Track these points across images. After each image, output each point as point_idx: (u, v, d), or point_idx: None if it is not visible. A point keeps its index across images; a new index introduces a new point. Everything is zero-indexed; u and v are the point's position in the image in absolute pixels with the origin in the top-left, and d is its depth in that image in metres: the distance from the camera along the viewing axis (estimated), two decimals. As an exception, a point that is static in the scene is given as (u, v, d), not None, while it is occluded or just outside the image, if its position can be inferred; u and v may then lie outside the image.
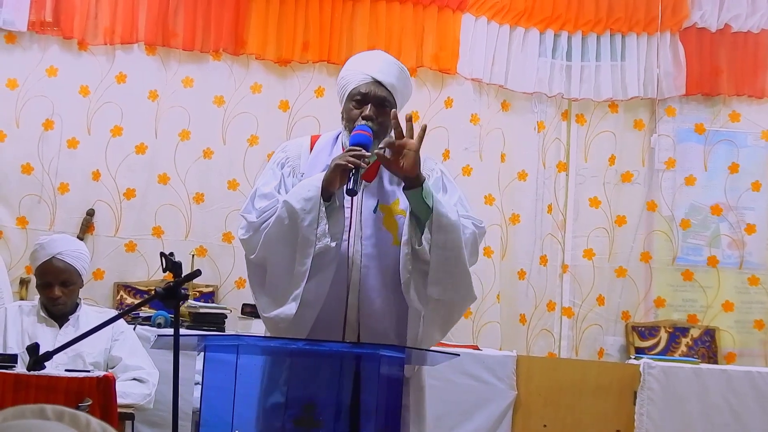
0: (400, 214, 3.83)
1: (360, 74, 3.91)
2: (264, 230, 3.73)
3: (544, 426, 6.29)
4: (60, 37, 6.93)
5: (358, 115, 3.85)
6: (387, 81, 3.90)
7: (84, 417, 1.47)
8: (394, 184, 3.88)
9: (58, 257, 5.04)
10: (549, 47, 7.51)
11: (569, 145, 7.60)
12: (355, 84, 3.89)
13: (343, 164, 3.64)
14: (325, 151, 3.93)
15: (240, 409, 3.54)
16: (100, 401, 4.29)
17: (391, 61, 4.05)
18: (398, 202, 3.85)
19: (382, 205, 3.85)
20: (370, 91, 3.86)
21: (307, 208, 3.66)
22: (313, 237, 3.64)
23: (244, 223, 3.84)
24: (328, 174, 3.69)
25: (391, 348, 3.59)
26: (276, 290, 3.74)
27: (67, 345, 3.96)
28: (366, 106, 3.85)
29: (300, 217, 3.65)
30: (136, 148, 7.01)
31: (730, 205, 7.49)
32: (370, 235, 3.80)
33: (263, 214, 3.77)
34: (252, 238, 3.78)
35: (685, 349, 7.26)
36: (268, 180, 3.91)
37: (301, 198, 3.69)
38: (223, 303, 6.76)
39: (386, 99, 3.88)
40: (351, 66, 4.02)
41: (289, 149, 4.01)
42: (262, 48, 7.13)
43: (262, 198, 3.83)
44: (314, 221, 3.64)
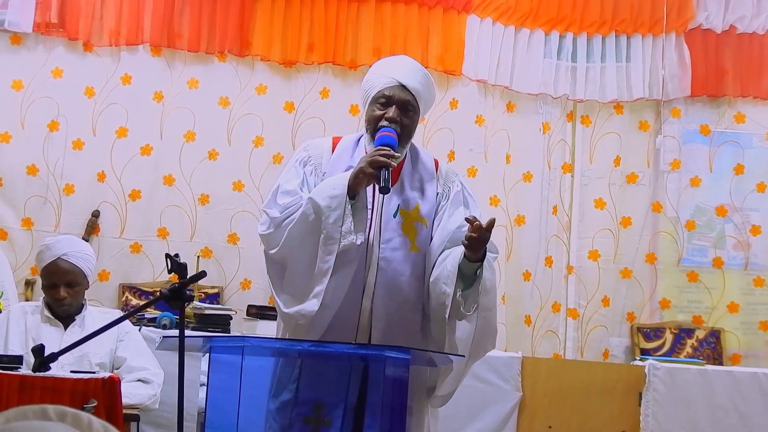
0: (419, 221, 3.87)
1: (385, 78, 3.93)
2: (287, 226, 3.75)
3: (549, 427, 6.29)
4: (65, 38, 6.94)
5: (381, 117, 3.87)
6: (412, 85, 3.92)
7: (86, 417, 1.47)
8: (415, 189, 3.92)
9: (63, 258, 5.05)
10: (554, 48, 7.51)
11: (574, 146, 7.59)
12: (379, 87, 3.91)
13: (375, 162, 3.67)
14: (347, 153, 3.95)
15: (245, 410, 3.54)
16: (106, 402, 4.30)
17: (416, 66, 4.08)
18: (418, 208, 3.89)
19: (402, 210, 3.87)
20: (395, 94, 3.89)
21: (333, 205, 3.68)
22: (337, 234, 3.66)
23: (266, 219, 3.85)
24: (355, 172, 3.72)
25: (397, 349, 3.59)
26: (296, 287, 3.75)
27: (73, 346, 3.96)
28: (390, 108, 3.87)
29: (325, 214, 3.68)
30: (142, 149, 7.01)
31: (736, 206, 7.49)
32: (389, 239, 3.83)
33: (286, 210, 3.78)
34: (274, 234, 3.79)
35: (691, 351, 7.25)
36: (290, 177, 3.92)
37: (326, 195, 3.71)
38: (229, 304, 6.76)
39: (410, 102, 3.91)
40: (376, 70, 4.05)
41: (311, 148, 4.02)
42: (268, 49, 7.13)
43: (285, 194, 3.84)
44: (339, 218, 3.67)
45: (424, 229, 3.88)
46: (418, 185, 3.93)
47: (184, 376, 3.51)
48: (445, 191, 3.98)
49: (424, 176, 3.98)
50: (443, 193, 3.98)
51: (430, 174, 4.00)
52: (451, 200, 3.93)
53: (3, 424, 1.43)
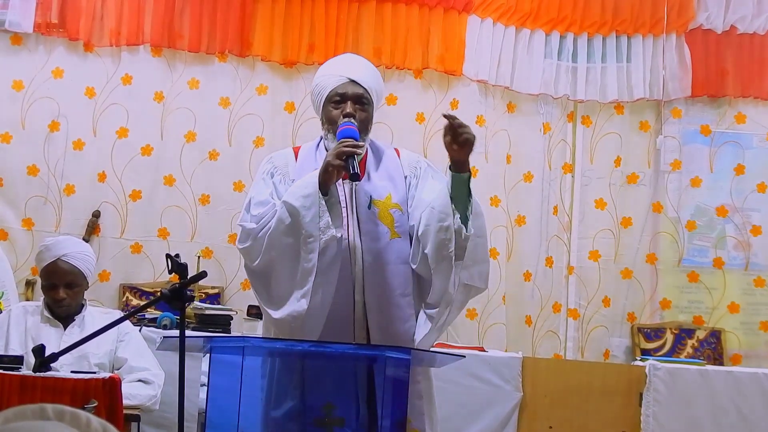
0: (394, 208, 3.89)
1: (334, 77, 4.00)
2: (266, 234, 3.77)
3: (549, 427, 6.29)
4: (66, 38, 6.94)
5: (339, 115, 3.91)
6: (362, 80, 3.98)
7: (84, 416, 1.47)
8: (383, 179, 3.95)
9: (63, 259, 5.04)
10: (555, 49, 7.51)
11: (575, 146, 7.59)
12: (331, 87, 3.97)
13: (341, 153, 3.69)
14: (311, 157, 3.98)
15: (246, 410, 3.54)
16: (106, 402, 4.30)
17: (362, 61, 4.22)
18: (390, 196, 3.92)
19: (375, 200, 3.90)
20: (347, 90, 3.95)
21: (307, 204, 3.70)
22: (316, 231, 3.68)
23: (242, 233, 3.89)
24: (323, 167, 3.74)
25: (397, 350, 3.59)
26: (283, 292, 3.76)
27: (73, 346, 3.96)
28: (345, 105, 3.92)
29: (301, 214, 3.70)
30: (142, 149, 7.01)
31: (736, 206, 7.49)
32: (368, 231, 3.85)
33: (262, 220, 3.80)
34: (253, 246, 3.81)
35: (691, 351, 7.25)
36: (260, 189, 3.94)
37: (299, 196, 3.73)
38: (229, 304, 6.76)
39: (363, 96, 3.96)
40: (323, 72, 4.12)
41: (275, 159, 4.05)
42: (268, 49, 7.14)
43: (258, 205, 3.87)
44: (316, 216, 3.69)
45: (400, 215, 3.90)
46: (385, 174, 3.97)
47: (184, 377, 3.51)
48: (412, 172, 4.01)
49: (389, 165, 4.01)
50: (411, 175, 4.01)
51: (394, 162, 4.03)
52: (420, 178, 3.97)
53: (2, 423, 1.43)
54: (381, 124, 7.20)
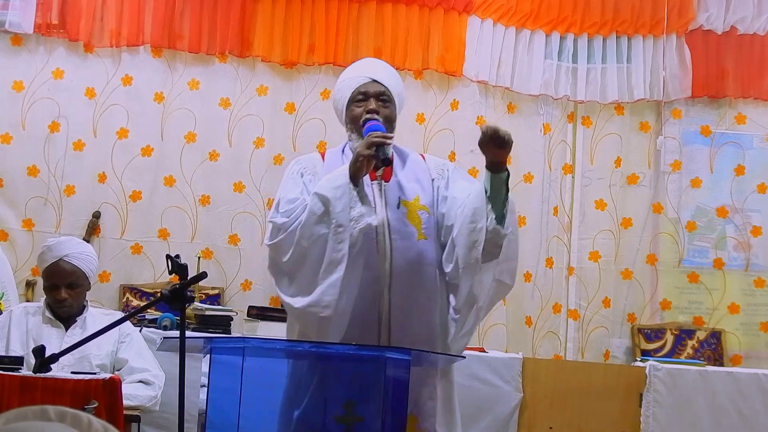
0: (422, 210, 3.92)
1: (356, 78, 4.03)
2: (297, 227, 3.77)
3: (550, 428, 6.29)
4: (66, 39, 6.94)
5: (362, 113, 3.94)
6: (383, 79, 4.02)
7: (86, 417, 1.48)
8: (410, 181, 3.97)
9: (65, 259, 5.04)
10: (555, 49, 7.51)
11: (575, 147, 7.60)
12: (354, 86, 3.99)
13: (371, 143, 3.72)
14: (338, 160, 3.99)
15: (246, 411, 3.54)
16: (106, 403, 4.30)
17: (382, 63, 4.24)
18: (419, 198, 3.94)
19: (403, 201, 3.92)
20: (369, 89, 3.98)
21: (338, 194, 3.72)
22: (347, 221, 3.70)
23: (272, 229, 3.87)
24: (354, 159, 3.76)
25: (398, 350, 3.60)
26: (311, 281, 3.76)
27: (74, 347, 3.96)
28: (368, 101, 3.95)
29: (332, 204, 3.72)
30: (142, 150, 7.02)
31: (736, 207, 7.49)
32: (397, 230, 3.87)
33: (292, 215, 3.80)
34: (285, 239, 3.80)
35: (691, 352, 7.25)
36: (290, 188, 3.95)
37: (330, 187, 3.75)
38: (229, 305, 6.76)
39: (385, 92, 3.99)
40: (344, 76, 4.14)
41: (303, 162, 4.07)
42: (268, 50, 7.14)
43: (288, 202, 3.87)
44: (347, 206, 3.71)
45: (427, 217, 3.93)
46: (412, 176, 3.99)
47: (184, 377, 3.51)
48: (440, 175, 4.04)
49: (415, 168, 4.04)
50: (438, 177, 4.03)
51: (420, 166, 4.07)
52: (448, 180, 4.00)
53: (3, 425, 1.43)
54: (381, 125, 7.19)
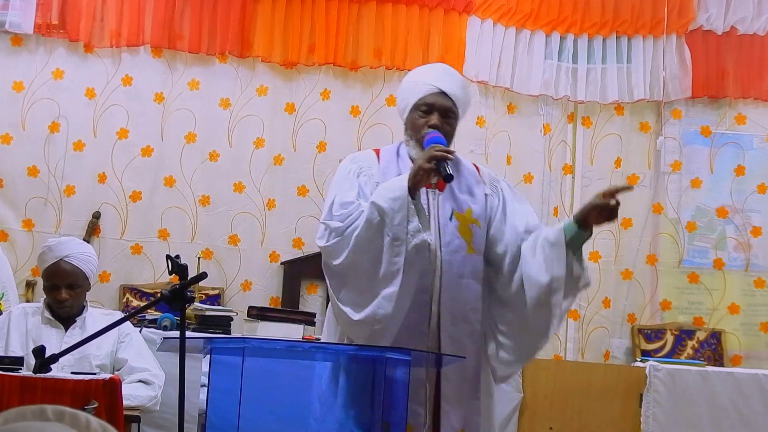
0: (473, 223, 3.93)
1: (425, 85, 3.99)
2: (352, 233, 3.75)
3: (550, 429, 6.29)
4: (66, 39, 6.94)
5: (424, 124, 3.93)
6: (451, 91, 3.99)
7: (84, 417, 1.48)
8: (464, 193, 3.98)
9: (65, 260, 5.04)
10: (555, 50, 7.51)
11: (575, 147, 7.59)
12: (420, 95, 3.97)
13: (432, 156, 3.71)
14: (393, 162, 4.00)
15: (246, 411, 3.54)
16: (106, 403, 4.30)
17: (454, 72, 4.19)
18: (471, 210, 3.96)
19: (456, 213, 3.93)
20: (436, 102, 3.95)
21: (396, 207, 3.70)
22: (403, 235, 3.69)
23: (326, 230, 3.85)
24: (414, 171, 3.74)
25: (398, 350, 3.60)
26: (365, 293, 3.75)
27: (74, 347, 3.96)
28: (432, 115, 3.93)
29: (389, 216, 3.70)
30: (142, 150, 7.02)
31: (736, 207, 7.49)
32: (448, 242, 3.88)
33: (347, 219, 3.79)
34: (339, 243, 3.79)
35: (691, 352, 7.25)
36: (346, 189, 3.93)
37: (388, 198, 3.72)
38: (229, 305, 6.76)
39: (451, 109, 3.98)
40: (414, 78, 4.12)
41: (359, 160, 4.05)
42: (268, 50, 7.13)
43: (343, 206, 3.85)
44: (404, 219, 3.69)
45: (478, 231, 3.94)
46: (466, 189, 3.99)
47: (184, 378, 3.51)
48: (493, 191, 4.05)
49: (470, 180, 4.04)
50: (492, 193, 4.05)
51: (474, 177, 4.07)
52: (505, 198, 4.03)
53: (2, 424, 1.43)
54: (381, 125, 7.20)
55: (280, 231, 7.15)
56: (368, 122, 7.24)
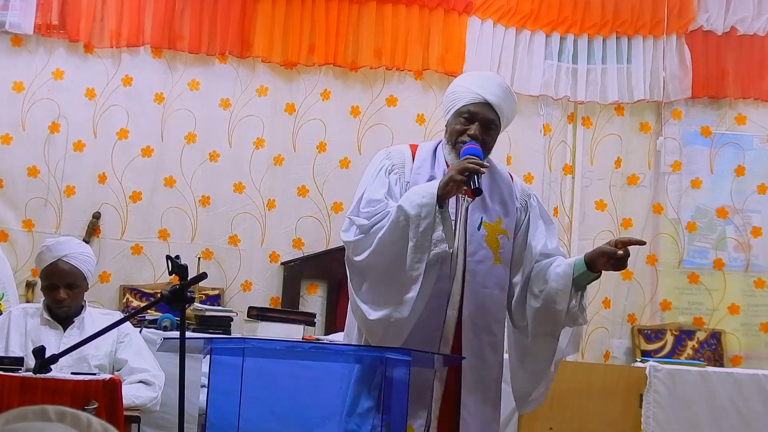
0: (502, 234, 3.93)
1: (471, 93, 3.98)
2: (377, 233, 3.76)
3: (550, 429, 6.29)
4: (66, 40, 6.94)
5: (464, 132, 3.93)
6: (496, 103, 3.98)
7: (85, 417, 1.48)
8: (495, 203, 3.99)
9: (64, 260, 5.04)
10: (555, 50, 7.51)
11: (575, 147, 7.59)
12: (465, 102, 3.96)
13: (465, 168, 3.71)
14: (428, 162, 4.00)
15: (246, 411, 3.54)
16: (106, 404, 4.30)
17: (502, 84, 4.14)
18: (501, 221, 3.96)
19: (485, 223, 3.93)
20: (479, 112, 3.95)
21: (423, 214, 3.70)
22: (427, 243, 3.69)
23: (352, 226, 3.86)
24: (445, 181, 3.74)
25: (397, 351, 3.60)
26: (384, 294, 3.76)
27: (73, 348, 3.96)
28: (473, 125, 3.93)
29: (414, 222, 3.70)
30: (142, 151, 7.02)
31: (736, 207, 7.49)
32: (474, 252, 3.89)
33: (374, 217, 3.80)
34: (363, 241, 3.80)
35: (691, 352, 7.25)
36: (376, 186, 3.93)
37: (416, 204, 3.72)
38: (229, 306, 6.76)
39: (493, 122, 3.98)
40: (462, 83, 4.10)
41: (393, 156, 4.04)
42: (268, 51, 7.13)
43: (372, 203, 3.86)
44: (430, 227, 3.69)
45: (506, 242, 3.95)
46: (498, 199, 4.00)
47: (185, 378, 3.50)
48: (523, 206, 4.06)
49: (503, 190, 4.05)
50: (522, 207, 4.05)
51: (508, 188, 4.07)
52: (531, 215, 4.03)
53: (3, 425, 1.43)
54: (381, 126, 7.20)
55: (280, 231, 7.15)
56: (368, 122, 7.24)
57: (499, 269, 3.91)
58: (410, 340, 3.75)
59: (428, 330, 3.80)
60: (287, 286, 7.09)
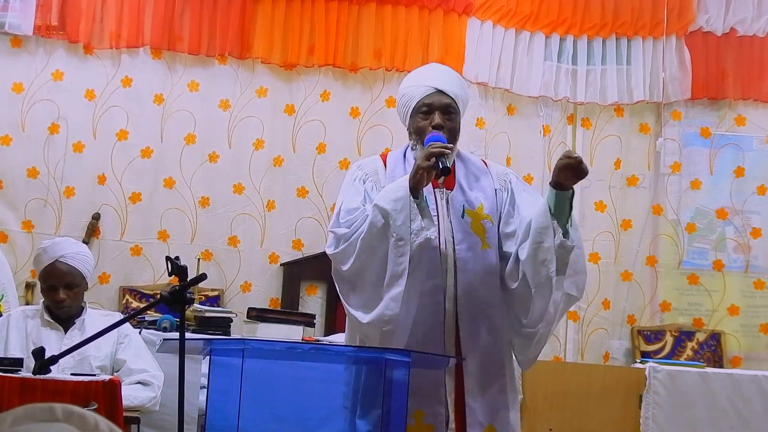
0: (486, 219, 3.94)
1: (422, 87, 4.00)
2: (358, 238, 3.77)
3: (549, 430, 6.29)
4: (66, 40, 6.94)
5: (428, 126, 3.93)
6: (449, 89, 4.00)
7: (92, 417, 1.47)
8: (474, 189, 3.99)
9: (61, 260, 5.04)
10: (554, 51, 7.51)
11: (575, 148, 7.58)
12: (419, 97, 3.98)
13: (429, 154, 3.72)
14: (399, 166, 4.01)
15: (245, 412, 3.54)
16: (106, 405, 4.30)
17: (448, 70, 4.21)
18: (482, 206, 3.96)
19: (468, 211, 3.94)
20: (434, 101, 3.96)
21: (398, 207, 3.72)
22: (407, 235, 3.70)
23: (333, 238, 3.87)
24: (413, 171, 3.76)
25: (397, 351, 3.60)
26: (373, 295, 3.77)
27: (73, 349, 3.96)
28: (433, 115, 3.94)
29: (392, 217, 3.71)
30: (142, 152, 7.01)
31: (736, 208, 7.49)
32: (462, 240, 3.89)
33: (353, 225, 3.81)
34: (345, 250, 3.80)
35: (691, 353, 7.25)
36: (352, 195, 3.94)
37: (390, 199, 3.75)
38: (229, 307, 6.76)
39: (450, 105, 3.98)
40: (410, 82, 4.11)
41: (365, 167, 4.07)
42: (268, 52, 7.13)
43: (350, 212, 3.87)
44: (407, 219, 3.71)
45: (491, 226, 3.95)
46: (476, 185, 4.01)
47: (184, 379, 3.50)
48: (502, 185, 4.05)
49: (479, 175, 4.06)
50: (501, 188, 4.05)
51: (483, 172, 4.08)
52: (513, 191, 4.02)
53: (11, 424, 1.43)
54: (381, 126, 7.20)
55: (279, 232, 7.15)
56: (368, 123, 7.24)
57: (488, 254, 3.91)
58: (413, 340, 3.75)
59: (430, 327, 3.80)
60: (287, 287, 7.09)
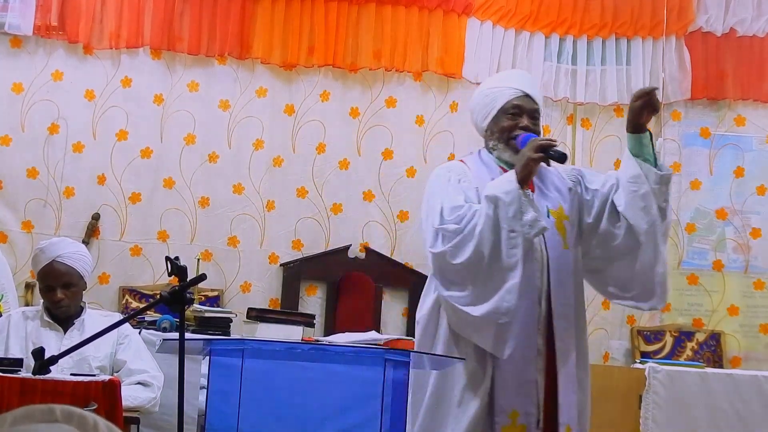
0: (566, 220, 3.99)
1: (510, 89, 4.06)
2: (474, 228, 3.78)
3: (549, 430, 6.28)
4: (65, 41, 6.94)
5: (515, 126, 3.99)
6: (535, 94, 4.09)
7: (92, 418, 1.47)
8: (552, 191, 4.04)
9: (58, 260, 5.03)
10: (554, 51, 7.51)
11: (575, 149, 7.59)
12: (507, 98, 4.03)
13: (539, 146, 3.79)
14: (482, 169, 4.04)
15: (245, 412, 3.54)
16: (106, 405, 4.29)
17: (530, 76, 4.36)
18: (562, 208, 4.02)
19: (552, 211, 3.99)
20: (524, 104, 4.03)
21: (508, 200, 3.74)
22: (518, 227, 3.73)
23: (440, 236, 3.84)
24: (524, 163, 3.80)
25: (397, 351, 3.60)
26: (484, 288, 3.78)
27: (73, 349, 3.96)
28: (522, 118, 4.00)
29: (503, 209, 3.74)
30: (142, 152, 7.02)
31: (736, 209, 7.49)
32: (550, 239, 3.93)
33: (463, 220, 3.81)
34: (460, 243, 3.79)
35: (691, 354, 7.25)
36: (452, 194, 3.94)
37: (501, 191, 3.77)
38: (229, 307, 6.76)
39: (537, 111, 4.07)
40: (495, 84, 4.19)
41: (453, 169, 4.09)
42: (268, 52, 7.13)
43: (455, 209, 3.86)
44: (518, 211, 3.74)
45: (570, 227, 4.01)
46: (553, 187, 4.06)
47: (184, 379, 3.50)
48: (575, 182, 4.11)
49: (554, 179, 4.10)
50: (575, 185, 4.10)
51: (555, 174, 4.13)
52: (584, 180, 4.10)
53: (11, 424, 1.43)
54: (380, 127, 7.21)
55: (279, 232, 7.15)
56: (367, 124, 7.24)
57: (569, 254, 3.98)
58: None
59: (526, 324, 3.83)
60: (286, 287, 7.09)
